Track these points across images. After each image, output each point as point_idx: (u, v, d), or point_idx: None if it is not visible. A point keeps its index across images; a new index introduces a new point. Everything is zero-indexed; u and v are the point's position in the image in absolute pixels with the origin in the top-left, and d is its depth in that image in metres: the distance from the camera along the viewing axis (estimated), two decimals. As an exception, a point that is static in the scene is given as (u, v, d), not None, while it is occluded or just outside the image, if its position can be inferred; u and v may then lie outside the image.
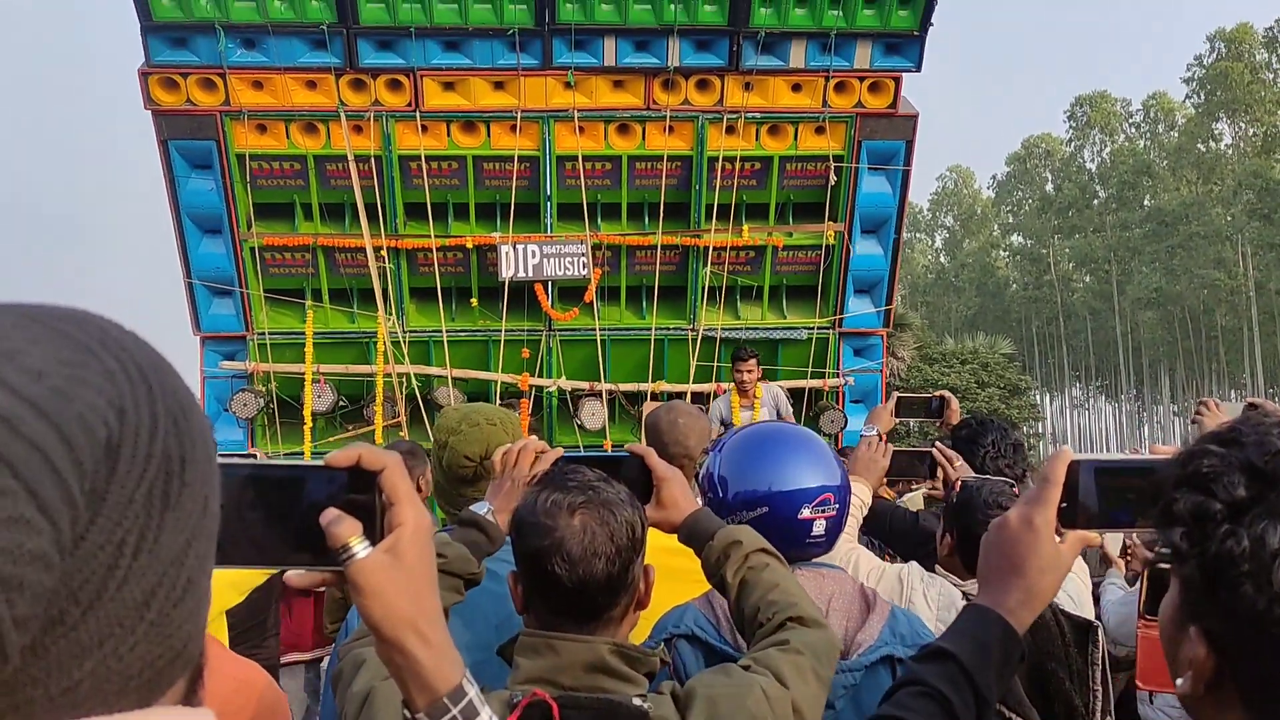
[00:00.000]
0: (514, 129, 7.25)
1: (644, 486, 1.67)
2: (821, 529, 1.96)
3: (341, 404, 7.69)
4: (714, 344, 7.83)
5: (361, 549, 0.86)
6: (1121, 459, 1.22)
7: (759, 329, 7.96)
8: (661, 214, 7.58)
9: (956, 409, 3.68)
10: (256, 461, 0.88)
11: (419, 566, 0.88)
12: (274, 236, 7.43)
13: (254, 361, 7.50)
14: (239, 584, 2.60)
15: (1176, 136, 55.50)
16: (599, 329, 7.71)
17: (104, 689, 0.46)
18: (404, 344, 7.56)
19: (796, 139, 7.50)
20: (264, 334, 7.48)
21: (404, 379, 7.55)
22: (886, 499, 3.40)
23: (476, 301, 7.70)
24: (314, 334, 7.50)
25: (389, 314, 7.51)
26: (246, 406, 7.32)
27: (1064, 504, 1.17)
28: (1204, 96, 51.41)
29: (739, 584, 1.60)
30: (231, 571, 1.06)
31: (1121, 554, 4.18)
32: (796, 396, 7.82)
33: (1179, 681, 0.88)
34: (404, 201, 7.50)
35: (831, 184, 7.58)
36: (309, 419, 7.41)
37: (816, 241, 7.79)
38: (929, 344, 34.85)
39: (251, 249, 7.41)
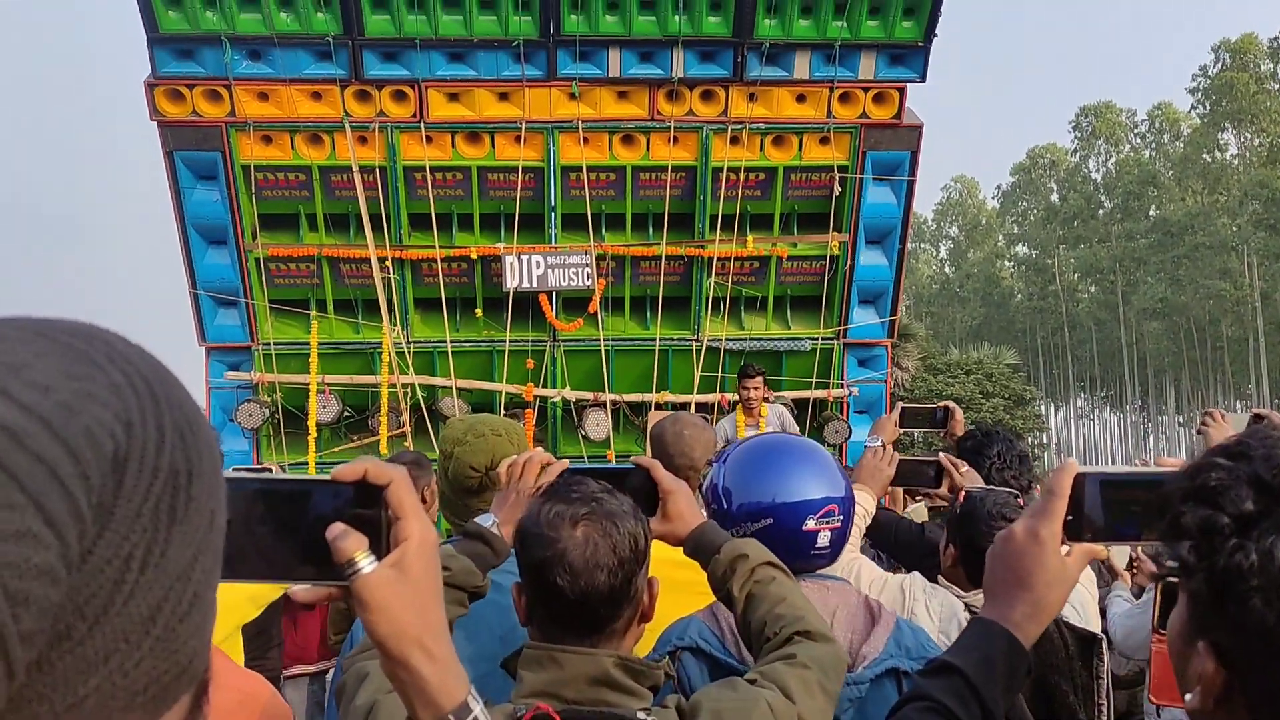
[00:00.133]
0: (518, 140, 7.27)
1: (649, 499, 1.67)
2: (826, 540, 1.95)
3: (346, 414, 7.69)
4: (718, 354, 7.82)
5: (367, 564, 0.85)
6: (1127, 472, 1.22)
7: (763, 339, 7.95)
8: (666, 224, 7.58)
9: (961, 420, 3.67)
10: (262, 475, 0.88)
11: (424, 581, 0.88)
12: (279, 247, 7.45)
13: (259, 372, 7.50)
14: (256, 598, 2.58)
15: (1182, 147, 55.49)
16: (603, 339, 7.71)
17: (109, 705, 0.45)
18: (409, 354, 7.57)
19: (801, 149, 7.50)
20: (269, 344, 7.49)
21: (408, 389, 7.55)
22: (890, 510, 3.39)
23: (481, 312, 7.71)
24: (319, 344, 7.50)
25: (394, 324, 7.52)
26: (252, 417, 7.33)
27: (1070, 517, 1.17)
28: (1209, 107, 51.42)
29: (745, 598, 1.59)
30: (248, 586, 1.05)
31: (1127, 566, 4.16)
32: (801, 407, 7.81)
33: (1188, 696, 0.87)
34: (409, 212, 7.51)
35: (836, 194, 7.58)
36: (314, 429, 7.42)
37: (821, 252, 7.79)
38: (934, 354, 34.81)
39: (256, 260, 7.42)
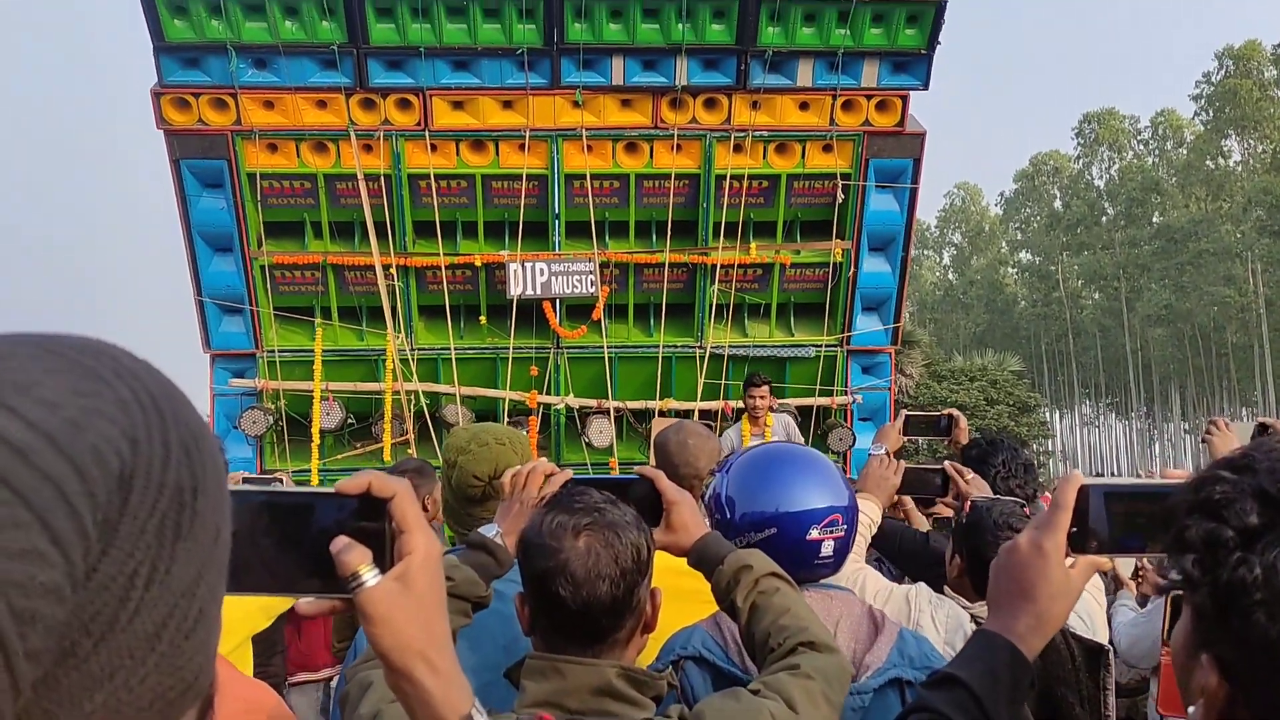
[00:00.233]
0: (522, 148, 7.28)
1: (653, 509, 1.67)
2: (830, 549, 1.95)
3: (350, 421, 7.70)
4: (722, 362, 7.82)
5: (371, 577, 0.85)
6: (1132, 483, 1.22)
7: (767, 346, 7.94)
8: (669, 232, 7.59)
9: (965, 428, 3.66)
10: (266, 488, 0.87)
11: (428, 594, 0.88)
12: (284, 255, 7.47)
13: (263, 379, 7.52)
14: (268, 608, 2.57)
15: (1185, 153, 55.47)
16: (607, 347, 7.71)
17: None
18: (412, 362, 7.58)
19: (804, 157, 7.51)
20: (273, 351, 7.50)
21: (412, 396, 7.56)
22: (895, 519, 3.38)
23: (485, 319, 7.72)
24: (323, 352, 7.52)
25: (398, 332, 7.52)
26: (256, 424, 7.34)
27: (1074, 529, 1.16)
28: (1212, 113, 51.42)
29: (749, 608, 1.59)
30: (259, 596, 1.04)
31: (1133, 575, 4.15)
32: (804, 414, 7.80)
33: (1191, 709, 0.87)
34: (413, 220, 7.53)
35: (839, 202, 7.58)
36: (317, 436, 7.42)
37: (824, 259, 7.79)
38: (937, 361, 34.77)
39: (262, 267, 7.44)
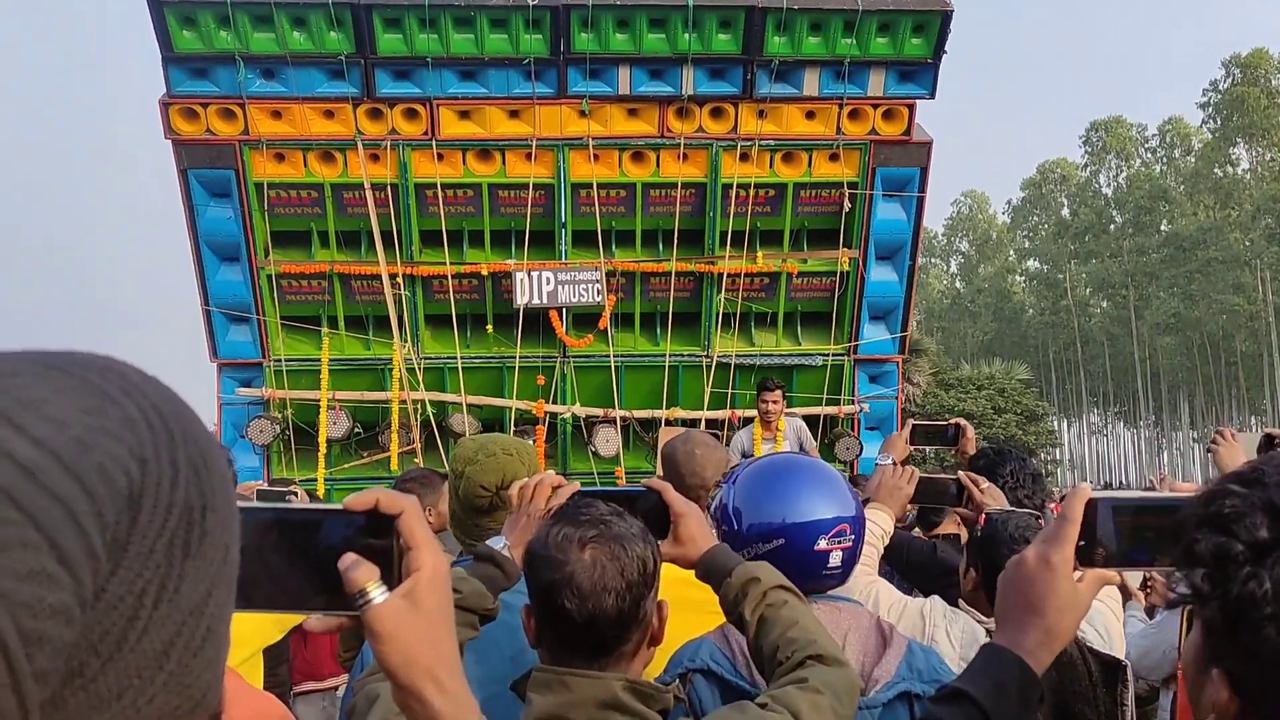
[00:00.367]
0: (529, 157, 7.29)
1: (661, 521, 1.66)
2: (838, 560, 1.95)
3: (357, 430, 7.71)
4: (729, 370, 7.81)
5: (378, 594, 0.84)
6: (1140, 497, 1.21)
7: (773, 355, 7.94)
8: (676, 241, 7.59)
9: (972, 437, 3.65)
10: (274, 505, 0.87)
11: (436, 612, 0.87)
12: (291, 264, 7.48)
13: (270, 388, 7.53)
14: (280, 621, 2.55)
15: (1193, 161, 55.37)
16: (613, 355, 7.71)
17: None
18: (419, 370, 7.58)
19: (810, 166, 7.51)
20: (280, 360, 7.51)
21: (419, 405, 7.56)
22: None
23: (491, 328, 7.72)
24: (330, 360, 7.52)
25: (404, 341, 7.53)
26: (263, 433, 7.35)
27: (1082, 542, 1.16)
28: (1220, 121, 51.33)
29: (757, 621, 1.59)
30: None
31: (1141, 586, 4.14)
32: (811, 423, 7.78)
33: None
34: (420, 229, 7.54)
35: (846, 211, 7.58)
36: (324, 445, 7.43)
37: (831, 268, 7.78)
38: (945, 370, 34.73)
39: (269, 276, 7.46)
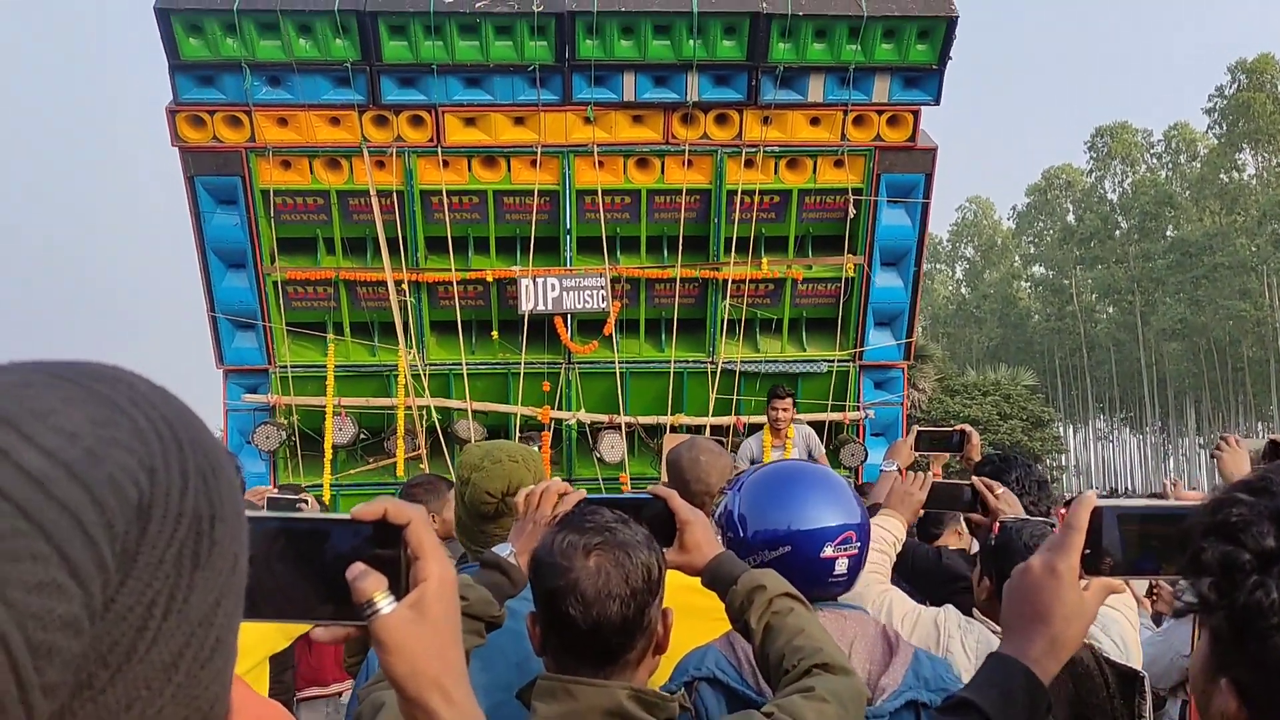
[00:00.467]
0: (534, 164, 7.31)
1: (667, 529, 1.66)
2: (844, 568, 1.94)
3: (362, 436, 7.72)
4: (733, 377, 7.81)
5: (386, 604, 0.84)
6: (1145, 505, 1.21)
7: (779, 361, 7.93)
8: (680, 247, 7.60)
9: (977, 444, 3.63)
10: (281, 514, 0.87)
11: (443, 622, 0.87)
12: (297, 270, 7.50)
13: (276, 394, 7.54)
14: (286, 629, 2.55)
15: (1199, 167, 55.23)
16: (618, 362, 7.71)
17: None
18: (424, 377, 7.59)
19: (815, 172, 7.51)
20: (286, 367, 7.53)
21: (424, 412, 7.57)
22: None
23: (497, 335, 7.73)
24: (335, 367, 7.54)
25: (410, 347, 7.54)
26: (269, 439, 7.36)
27: (1088, 550, 1.16)
28: (1225, 127, 51.22)
29: (763, 629, 1.58)
30: None
31: (1147, 593, 4.12)
32: (817, 430, 7.77)
33: None
34: (425, 236, 7.56)
35: (850, 217, 7.58)
36: (330, 451, 7.44)
37: (836, 274, 7.78)
38: (950, 375, 34.67)
39: (274, 283, 7.48)
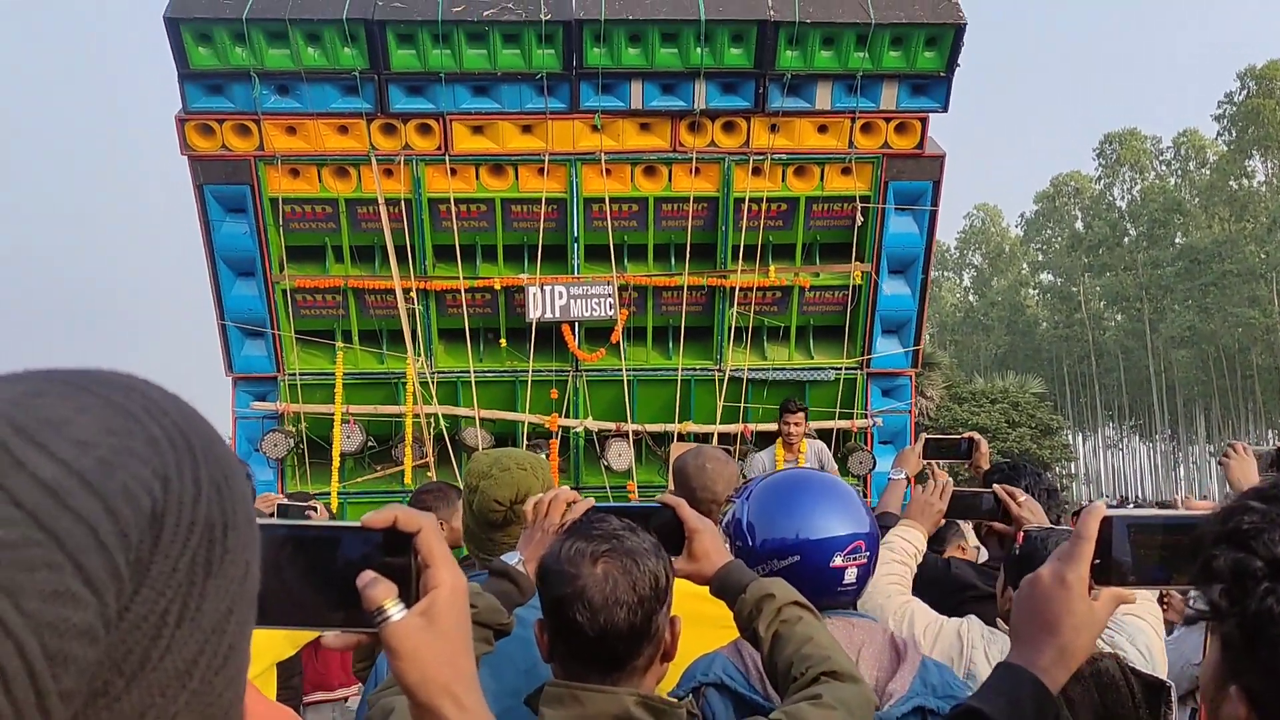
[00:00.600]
0: (541, 172, 7.32)
1: (675, 537, 1.67)
2: (853, 577, 1.95)
3: (370, 444, 7.72)
4: (741, 385, 7.80)
5: (396, 611, 0.85)
6: (1155, 514, 1.21)
7: (786, 369, 7.92)
8: (688, 255, 7.59)
9: (986, 451, 3.63)
10: (293, 522, 0.88)
11: (454, 629, 0.87)
12: (305, 279, 7.51)
13: (284, 402, 7.55)
14: (293, 637, 2.57)
15: (1208, 174, 55.11)
16: (625, 369, 7.71)
17: None
18: (432, 384, 7.60)
19: (823, 180, 7.50)
20: (294, 375, 7.54)
21: (432, 419, 7.57)
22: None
23: (504, 342, 7.73)
24: (343, 375, 7.55)
25: (417, 355, 7.55)
26: (277, 447, 7.37)
27: (1097, 560, 1.15)
28: (1235, 134, 51.12)
29: (772, 637, 1.58)
30: None
31: (1157, 602, 4.10)
32: (824, 438, 7.77)
33: None
34: (433, 244, 7.57)
35: (858, 224, 7.58)
36: (338, 459, 7.45)
37: (843, 282, 7.77)
38: (958, 383, 34.60)
39: (283, 291, 7.49)
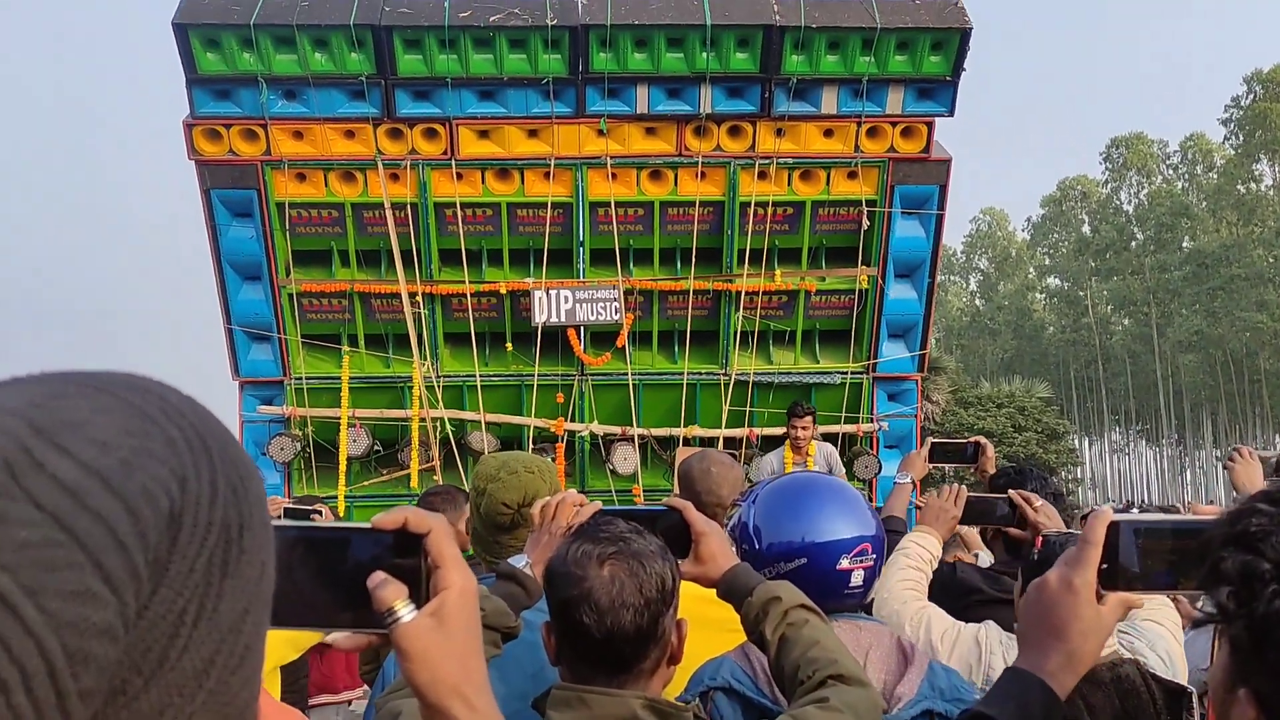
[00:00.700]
0: (547, 176, 7.33)
1: (682, 540, 1.67)
2: (860, 579, 1.95)
3: (376, 448, 7.73)
4: (747, 389, 7.80)
5: (407, 613, 0.85)
6: (1162, 519, 1.21)
7: (792, 374, 7.92)
8: (694, 259, 7.59)
9: (992, 455, 3.63)
10: (302, 523, 0.88)
11: (464, 630, 0.87)
12: (312, 283, 7.53)
13: (291, 406, 7.57)
14: (296, 641, 2.59)
15: (1215, 178, 54.99)
16: (631, 374, 7.71)
17: None
18: (438, 389, 7.61)
19: (829, 184, 7.50)
20: (301, 379, 7.56)
21: (438, 423, 7.58)
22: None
23: (510, 346, 7.74)
24: (350, 379, 7.56)
25: (423, 359, 7.57)
26: (284, 450, 7.39)
27: (1104, 565, 1.15)
28: (1242, 138, 51.02)
29: (779, 641, 1.58)
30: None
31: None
32: (830, 442, 7.76)
33: None
34: (439, 248, 7.58)
35: (864, 228, 7.57)
36: (344, 463, 7.46)
37: (849, 286, 7.76)
38: (964, 388, 34.54)
39: (290, 295, 7.51)
